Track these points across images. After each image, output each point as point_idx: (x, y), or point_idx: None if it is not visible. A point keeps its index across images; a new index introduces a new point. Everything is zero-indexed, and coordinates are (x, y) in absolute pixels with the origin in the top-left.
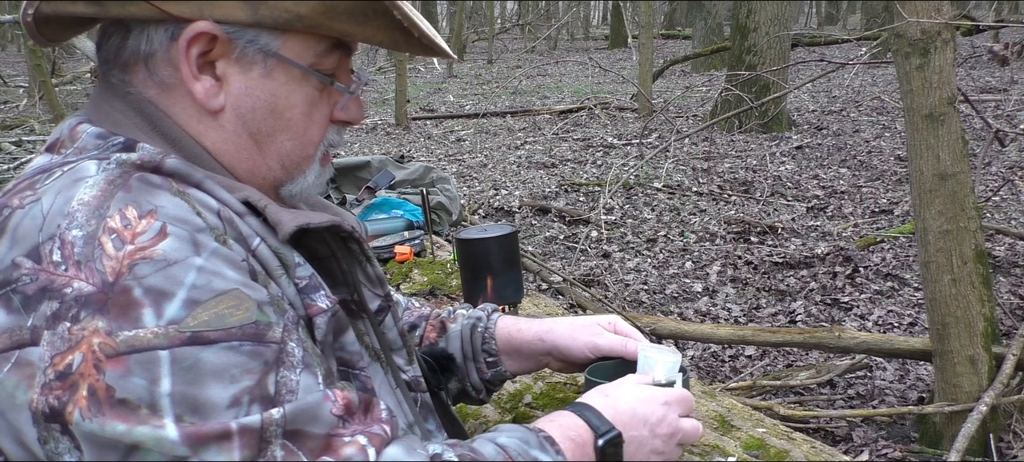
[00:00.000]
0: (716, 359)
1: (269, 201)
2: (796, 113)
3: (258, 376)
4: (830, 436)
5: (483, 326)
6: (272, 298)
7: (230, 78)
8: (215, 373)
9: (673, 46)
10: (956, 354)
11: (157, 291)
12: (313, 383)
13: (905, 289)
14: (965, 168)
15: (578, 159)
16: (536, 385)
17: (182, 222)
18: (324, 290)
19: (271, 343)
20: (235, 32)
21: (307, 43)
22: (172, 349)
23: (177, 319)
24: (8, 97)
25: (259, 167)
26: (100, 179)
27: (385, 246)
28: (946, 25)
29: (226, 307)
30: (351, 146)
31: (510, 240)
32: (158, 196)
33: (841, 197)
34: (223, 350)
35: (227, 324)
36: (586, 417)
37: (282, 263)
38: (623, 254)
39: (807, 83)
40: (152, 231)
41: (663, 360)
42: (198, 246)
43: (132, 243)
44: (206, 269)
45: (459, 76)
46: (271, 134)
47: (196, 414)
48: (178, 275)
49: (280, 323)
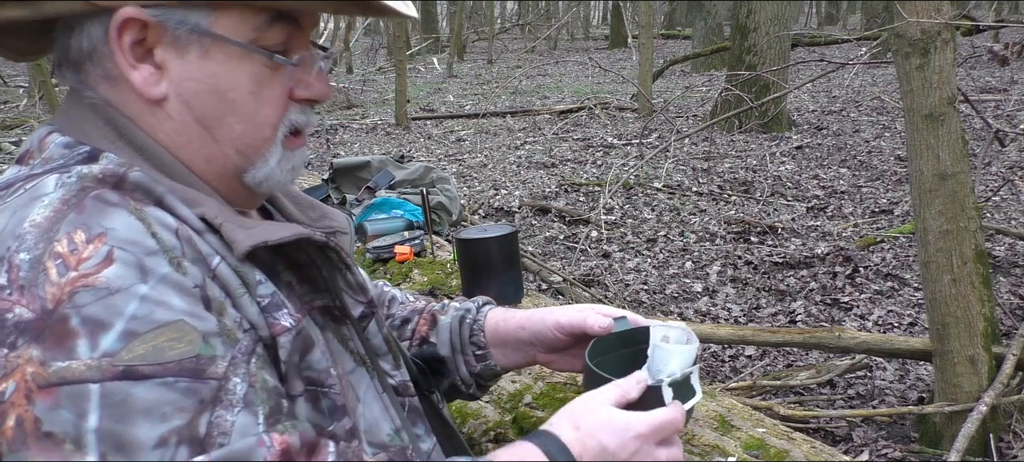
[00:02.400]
0: (716, 359)
1: (228, 217)
2: (796, 113)
3: (190, 415)
4: (830, 436)
5: (472, 318)
6: (222, 329)
7: (168, 64)
8: (144, 410)
9: (673, 46)
10: (956, 354)
11: (95, 321)
12: (250, 424)
13: (905, 289)
14: (965, 168)
15: (578, 159)
16: (536, 385)
17: (132, 245)
18: (287, 308)
19: (210, 380)
20: (162, 15)
21: (243, 17)
22: (103, 383)
23: (112, 351)
24: (8, 97)
25: (215, 155)
26: (55, 198)
27: (385, 246)
28: (946, 25)
29: (166, 340)
30: (351, 146)
31: (510, 240)
32: (111, 217)
33: (841, 197)
34: (156, 386)
35: (164, 358)
36: (546, 447)
37: (243, 282)
38: (623, 254)
39: (807, 83)
40: (98, 257)
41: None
42: (145, 272)
43: (76, 269)
44: (150, 298)
45: (459, 76)
46: (219, 118)
47: (120, 452)
48: (119, 305)
49: (227, 356)
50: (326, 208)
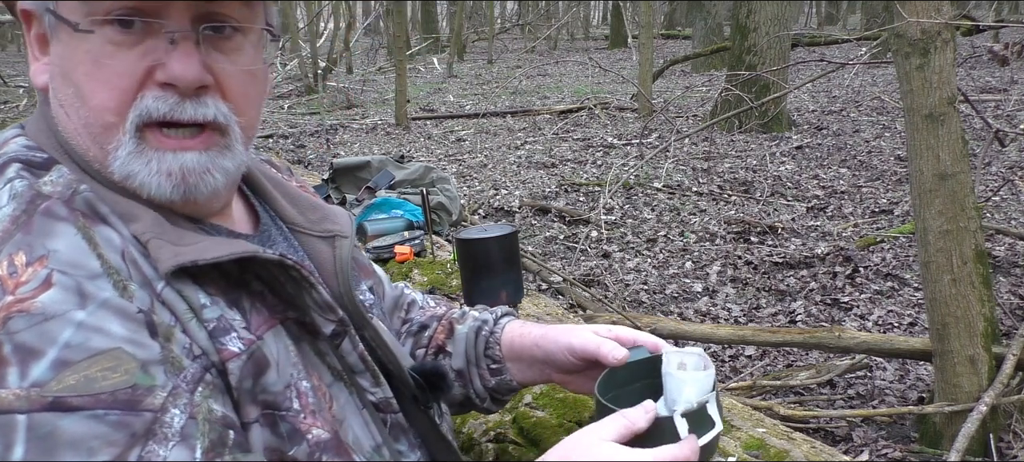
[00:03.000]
0: (716, 359)
1: (158, 232)
2: (796, 113)
3: (119, 449)
4: (830, 436)
5: (488, 330)
6: (166, 356)
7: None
8: (71, 444)
9: (673, 46)
10: (956, 354)
11: (26, 349)
12: (186, 456)
13: (905, 289)
14: (965, 168)
15: (578, 159)
16: (536, 385)
17: (73, 268)
18: (235, 332)
19: (144, 412)
20: (37, 6)
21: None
22: (30, 414)
23: (41, 382)
24: (8, 97)
25: (88, 146)
26: (5, 215)
27: (385, 246)
28: (946, 25)
29: (99, 369)
30: (351, 146)
31: (510, 240)
32: (56, 237)
33: (841, 197)
34: (84, 419)
35: (95, 389)
36: None
37: (189, 306)
38: (623, 254)
39: (807, 83)
40: (37, 280)
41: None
42: (84, 297)
43: (13, 293)
44: (86, 325)
45: (459, 76)
46: (69, 103)
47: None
48: (52, 332)
49: (167, 386)
50: (328, 209)
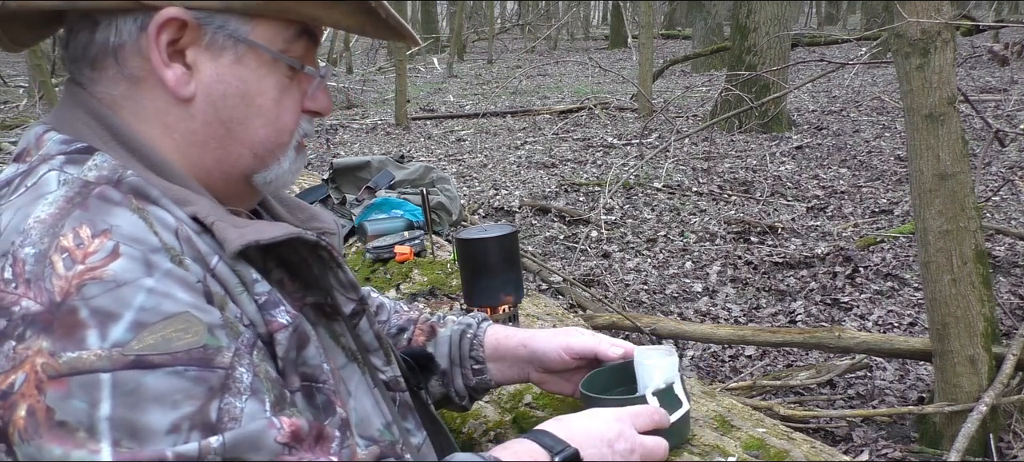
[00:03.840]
0: (716, 359)
1: (220, 216)
2: (796, 113)
3: (200, 402)
4: (830, 436)
5: (472, 333)
6: (226, 321)
7: (201, 65)
8: (156, 398)
9: (673, 46)
10: (956, 354)
11: (104, 312)
12: (258, 410)
13: (905, 289)
14: (965, 168)
15: (578, 159)
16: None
17: (136, 242)
18: (284, 306)
19: (218, 368)
20: (205, 18)
21: (276, 29)
22: (114, 372)
23: (122, 342)
24: (8, 97)
25: (229, 156)
26: (59, 196)
27: (385, 246)
28: (946, 25)
29: (173, 330)
30: (351, 146)
31: (510, 240)
32: (115, 215)
33: (841, 197)
34: (166, 375)
35: (173, 348)
36: (540, 440)
37: (241, 280)
38: (623, 254)
39: (807, 83)
40: (104, 251)
41: (660, 364)
42: (150, 267)
43: (83, 263)
44: (156, 291)
45: (459, 76)
46: (243, 121)
47: (134, 440)
48: (126, 297)
49: (231, 347)
50: (314, 209)
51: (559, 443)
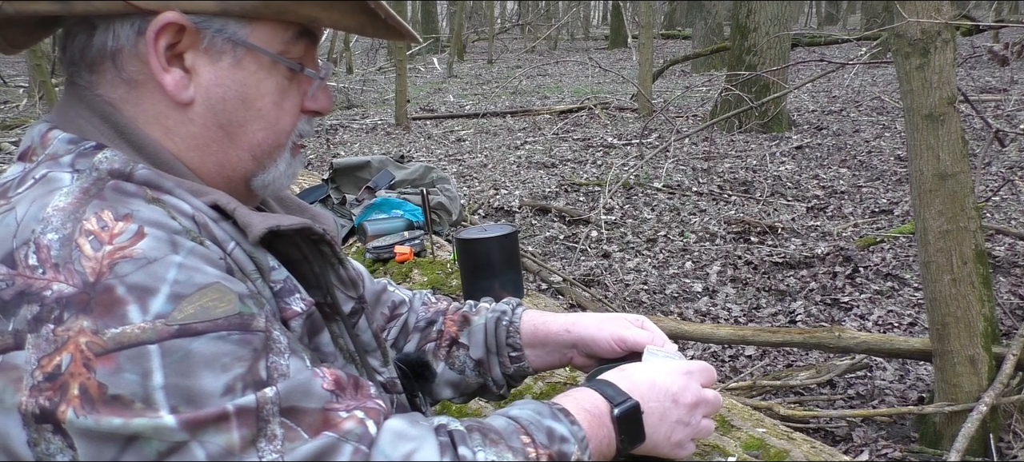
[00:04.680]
0: (716, 359)
1: (238, 204)
2: (796, 113)
3: (249, 363)
4: (830, 436)
5: (508, 319)
6: (251, 292)
7: (199, 69)
8: (206, 363)
9: (673, 46)
10: (956, 354)
11: (140, 288)
12: (301, 365)
13: (905, 289)
14: (965, 168)
15: (578, 159)
16: (536, 385)
17: (158, 225)
18: (299, 293)
19: (257, 331)
20: (202, 22)
21: (275, 31)
22: (161, 342)
23: (164, 313)
24: (8, 97)
25: (229, 159)
26: (75, 187)
27: (385, 246)
28: (946, 25)
29: (210, 300)
30: (351, 146)
31: (510, 240)
32: (132, 202)
33: (841, 197)
34: (212, 340)
35: (213, 315)
36: (601, 389)
37: (257, 266)
38: (623, 254)
39: (807, 83)
40: (129, 232)
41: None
42: (175, 245)
43: (110, 243)
44: (186, 265)
45: (459, 76)
46: (242, 124)
47: (191, 404)
48: (159, 271)
49: (262, 314)
50: (313, 209)
51: (620, 394)
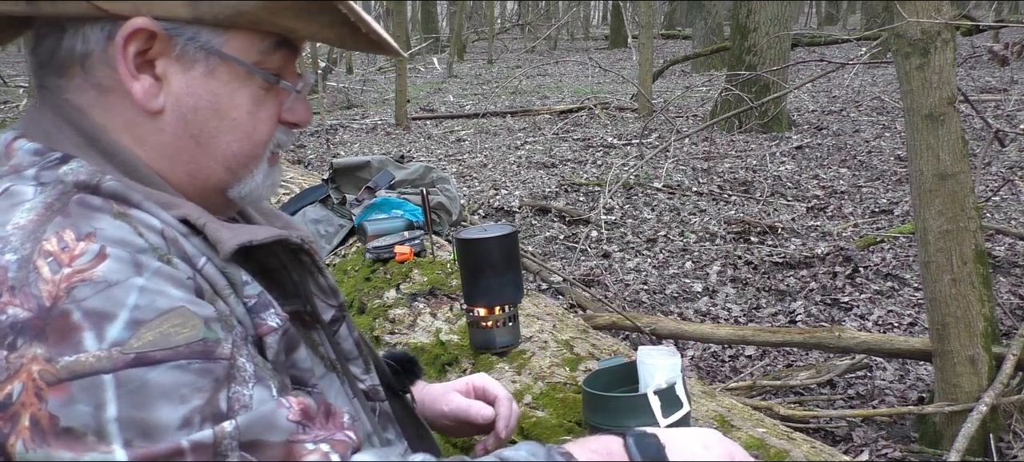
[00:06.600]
0: (716, 359)
1: (209, 218)
2: (796, 113)
3: (209, 394)
4: (830, 436)
5: None
6: (219, 314)
7: (170, 77)
8: (163, 394)
9: (673, 46)
10: (956, 354)
11: (98, 313)
12: (266, 395)
13: (905, 289)
14: (965, 168)
15: (578, 159)
16: (536, 385)
17: (122, 244)
18: (274, 308)
19: (220, 359)
20: (174, 29)
21: (251, 40)
22: (116, 372)
23: (120, 341)
24: (8, 97)
25: (201, 169)
26: (38, 203)
27: (385, 246)
28: (946, 25)
29: (171, 326)
30: (351, 146)
31: (510, 240)
32: (97, 219)
33: (841, 197)
34: (171, 369)
35: (173, 343)
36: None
37: (230, 282)
38: (623, 254)
39: (807, 83)
40: (90, 254)
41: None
42: (139, 266)
43: (70, 266)
44: (148, 289)
45: (459, 76)
46: (214, 135)
47: (146, 438)
48: (119, 296)
49: (228, 338)
50: (290, 219)
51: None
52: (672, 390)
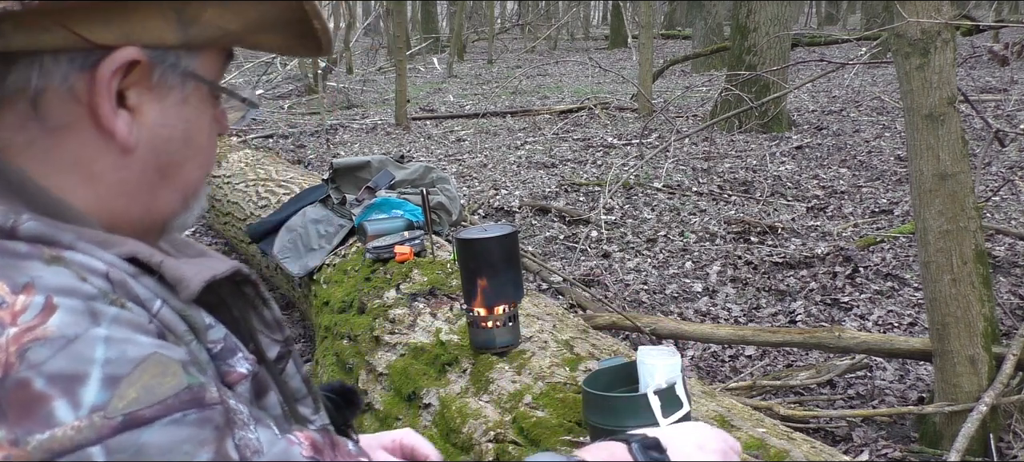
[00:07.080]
0: (716, 359)
1: (163, 256)
2: (796, 113)
3: (214, 444)
4: (830, 436)
5: None
6: (192, 357)
7: (144, 108)
8: (165, 454)
9: (673, 46)
10: (956, 354)
11: (64, 376)
12: (272, 435)
13: (905, 289)
14: (965, 168)
15: (578, 159)
16: (536, 385)
17: (69, 292)
18: (242, 352)
19: (214, 405)
20: (157, 56)
21: (216, 58)
22: (104, 441)
23: (100, 404)
24: None
25: (158, 202)
26: None
27: (385, 246)
28: (946, 25)
29: (151, 377)
30: (351, 146)
31: (510, 240)
32: (29, 267)
33: (841, 197)
34: (166, 426)
35: (160, 396)
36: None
37: (190, 327)
38: (623, 254)
39: (807, 83)
40: (35, 307)
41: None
42: (95, 315)
43: (15, 324)
44: (114, 338)
45: (459, 76)
46: (181, 164)
47: None
48: (84, 352)
49: (211, 382)
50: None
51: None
52: (672, 390)
